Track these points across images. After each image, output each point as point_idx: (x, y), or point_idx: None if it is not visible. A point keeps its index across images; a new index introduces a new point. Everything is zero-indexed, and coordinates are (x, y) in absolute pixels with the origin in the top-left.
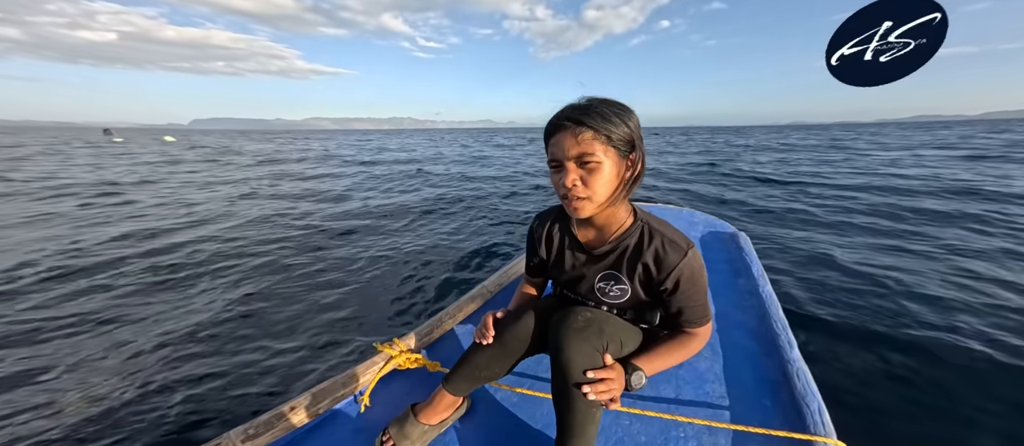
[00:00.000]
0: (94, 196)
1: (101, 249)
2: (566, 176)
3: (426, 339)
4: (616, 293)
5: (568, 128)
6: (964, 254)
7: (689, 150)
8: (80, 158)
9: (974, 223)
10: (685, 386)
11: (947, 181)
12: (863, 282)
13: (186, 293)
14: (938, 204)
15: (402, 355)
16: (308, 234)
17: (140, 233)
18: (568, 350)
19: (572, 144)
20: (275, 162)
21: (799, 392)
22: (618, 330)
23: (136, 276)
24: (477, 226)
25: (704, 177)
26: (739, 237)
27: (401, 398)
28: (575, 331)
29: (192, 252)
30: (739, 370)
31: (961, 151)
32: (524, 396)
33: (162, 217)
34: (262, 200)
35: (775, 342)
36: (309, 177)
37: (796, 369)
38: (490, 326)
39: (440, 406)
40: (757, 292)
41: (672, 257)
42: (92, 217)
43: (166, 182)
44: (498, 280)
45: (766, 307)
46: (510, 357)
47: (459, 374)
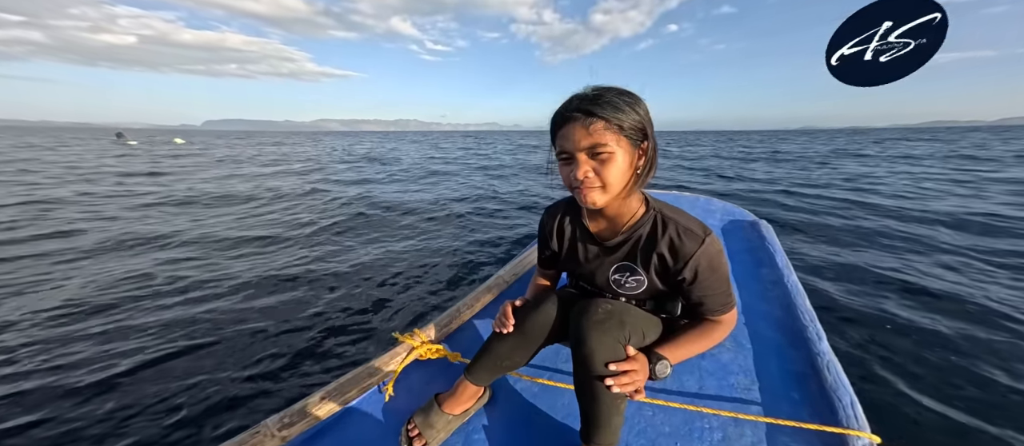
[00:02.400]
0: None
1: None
2: (578, 168)
3: (446, 330)
4: (632, 284)
5: (578, 119)
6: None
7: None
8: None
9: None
10: (708, 378)
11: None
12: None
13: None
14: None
15: (424, 346)
16: (315, 231)
17: (146, 236)
18: (589, 342)
19: (583, 135)
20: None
21: (829, 385)
22: (639, 321)
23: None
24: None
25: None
26: (760, 225)
27: (423, 388)
28: (596, 323)
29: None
30: (765, 362)
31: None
32: (544, 386)
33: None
34: (266, 200)
35: (802, 334)
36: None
37: (826, 361)
38: (509, 315)
39: (463, 396)
40: (782, 282)
41: (688, 245)
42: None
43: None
44: (513, 270)
45: (791, 297)
46: (531, 346)
47: (481, 364)
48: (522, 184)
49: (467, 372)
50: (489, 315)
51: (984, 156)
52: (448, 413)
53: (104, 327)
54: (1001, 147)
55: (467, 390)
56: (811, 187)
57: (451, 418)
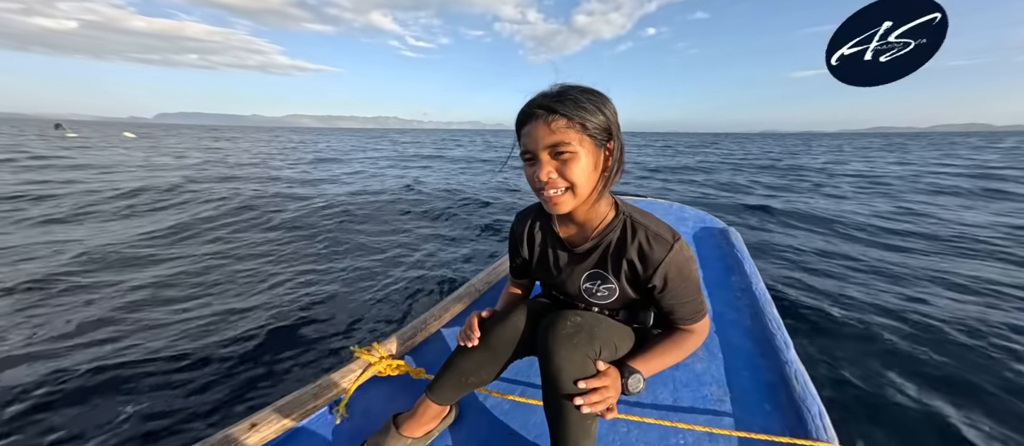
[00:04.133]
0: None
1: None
2: (541, 169)
3: (409, 343)
4: (604, 293)
5: (540, 116)
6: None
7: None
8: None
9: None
10: (683, 389)
11: None
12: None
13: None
14: None
15: (383, 361)
16: (264, 226)
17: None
18: (557, 359)
19: (545, 133)
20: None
21: (798, 395)
22: (611, 333)
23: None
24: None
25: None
26: (730, 232)
27: (381, 408)
28: (565, 337)
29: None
30: (737, 372)
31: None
32: (515, 403)
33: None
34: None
35: (771, 342)
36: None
37: (794, 371)
38: (475, 327)
39: (425, 416)
40: (750, 290)
41: (657, 252)
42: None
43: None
44: (486, 278)
45: (760, 305)
46: (498, 361)
47: (444, 381)
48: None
49: (429, 390)
50: (459, 326)
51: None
52: (407, 437)
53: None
54: (920, 153)
55: (429, 410)
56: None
57: (411, 442)
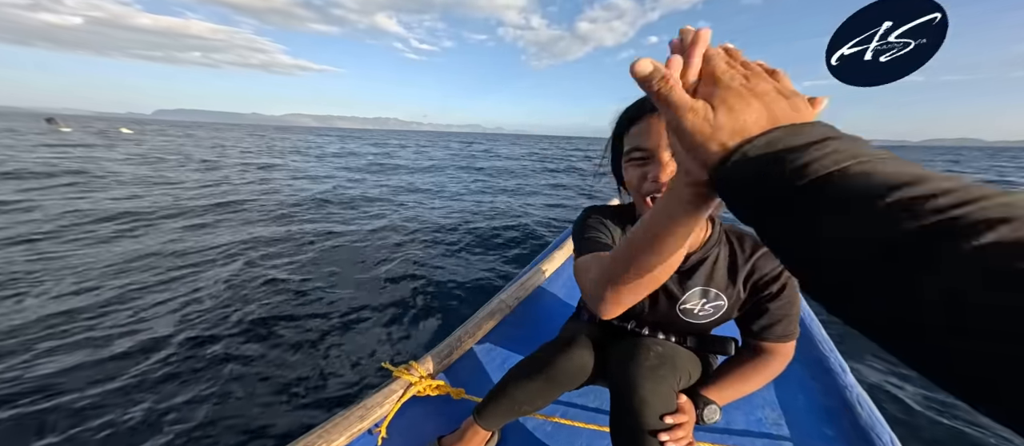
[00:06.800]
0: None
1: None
2: (661, 169)
3: (445, 361)
4: (709, 312)
5: (657, 114)
6: None
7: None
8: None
9: None
10: (735, 413)
11: None
12: None
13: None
14: None
15: (422, 381)
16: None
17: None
18: (642, 392)
19: (666, 131)
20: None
21: (864, 421)
22: (686, 363)
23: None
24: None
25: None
26: None
27: (423, 429)
28: (649, 369)
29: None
30: (790, 395)
31: None
32: (558, 425)
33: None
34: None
35: (822, 364)
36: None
37: (856, 395)
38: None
39: (472, 441)
40: None
41: (774, 258)
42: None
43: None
44: (515, 294)
45: (807, 325)
46: (557, 392)
47: (495, 408)
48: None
49: (477, 414)
50: (492, 343)
51: None
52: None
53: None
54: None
55: (476, 435)
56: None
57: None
